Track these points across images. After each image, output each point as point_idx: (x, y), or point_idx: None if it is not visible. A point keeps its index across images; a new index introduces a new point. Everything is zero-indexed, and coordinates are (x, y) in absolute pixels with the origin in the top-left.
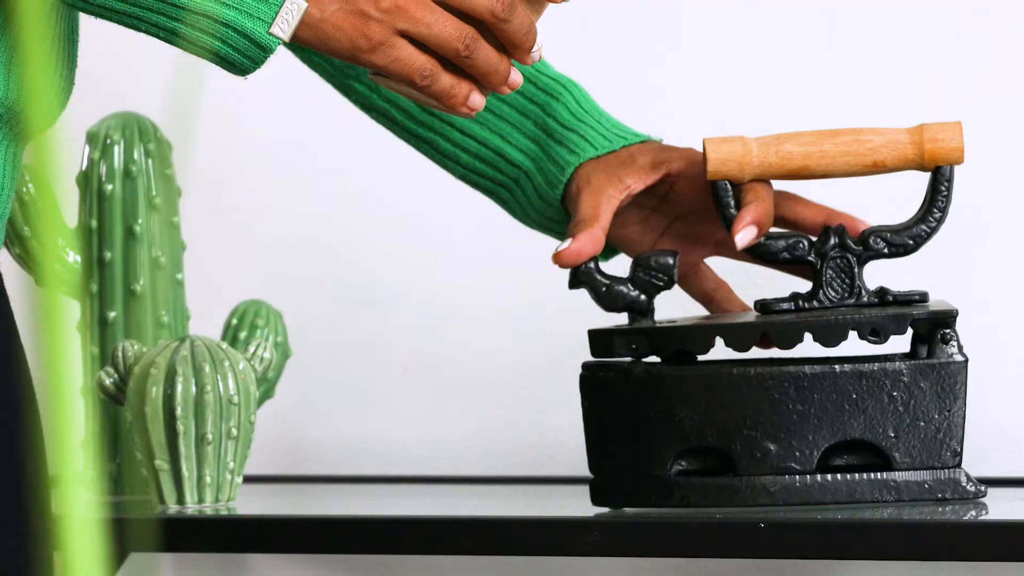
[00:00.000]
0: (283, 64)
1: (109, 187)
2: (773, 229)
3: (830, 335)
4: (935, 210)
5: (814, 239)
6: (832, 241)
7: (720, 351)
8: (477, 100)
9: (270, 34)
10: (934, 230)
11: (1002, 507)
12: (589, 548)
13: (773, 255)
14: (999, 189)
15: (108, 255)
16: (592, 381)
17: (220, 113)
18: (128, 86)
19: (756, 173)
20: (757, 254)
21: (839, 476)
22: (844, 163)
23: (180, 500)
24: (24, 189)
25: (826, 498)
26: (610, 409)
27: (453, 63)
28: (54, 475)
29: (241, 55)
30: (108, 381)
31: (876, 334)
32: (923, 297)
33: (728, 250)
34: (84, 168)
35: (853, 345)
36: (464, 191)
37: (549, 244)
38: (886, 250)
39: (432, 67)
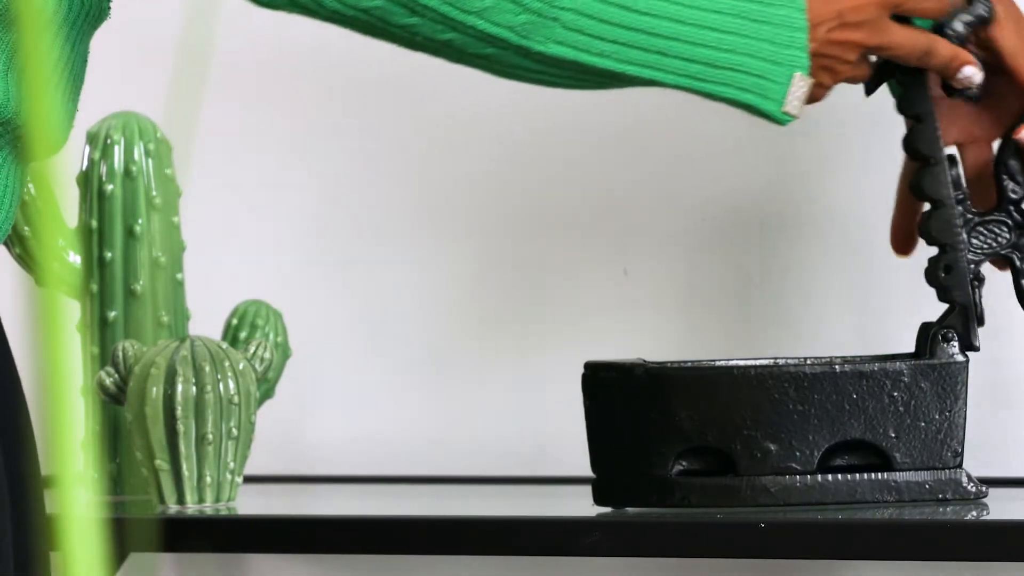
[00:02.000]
0: (285, 63)
1: (109, 187)
2: None
3: (943, 230)
4: None
5: None
6: None
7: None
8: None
9: (784, 112)
10: None
11: (1003, 507)
12: (589, 548)
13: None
14: None
15: (108, 255)
16: (594, 381)
17: (220, 112)
18: (128, 86)
19: None
20: (1007, 169)
21: (839, 476)
22: None
23: (180, 500)
24: (24, 189)
25: (826, 498)
26: (611, 409)
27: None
28: (54, 475)
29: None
30: (108, 381)
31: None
32: None
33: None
34: (84, 168)
35: (855, 346)
36: (462, 191)
37: (548, 244)
38: None
39: (930, 43)
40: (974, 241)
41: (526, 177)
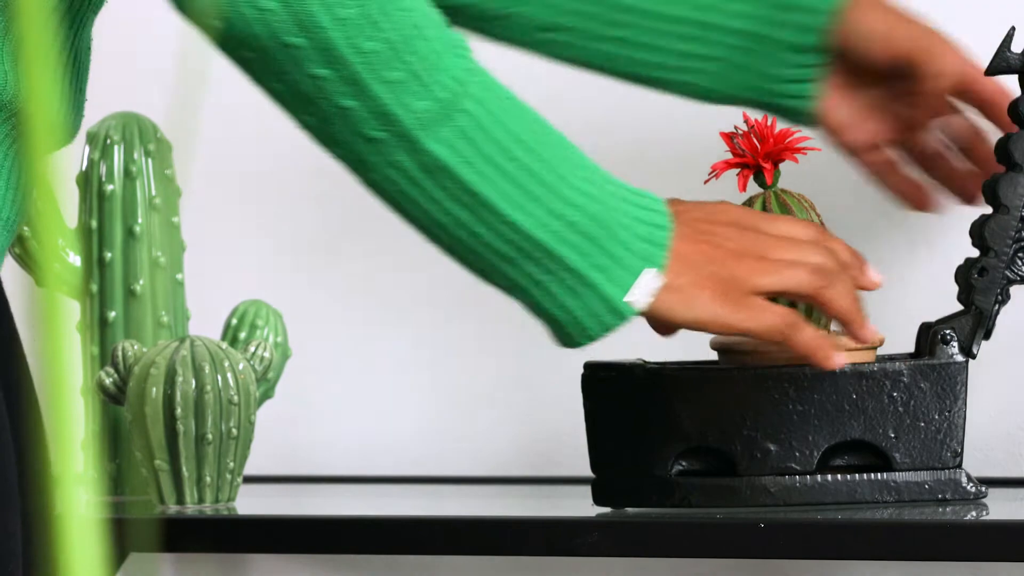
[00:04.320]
0: None
1: (109, 187)
2: None
3: (996, 236)
4: None
5: None
6: None
7: None
8: (840, 359)
9: (626, 302)
10: None
11: (1002, 507)
12: (589, 548)
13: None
14: None
15: (108, 255)
16: (593, 381)
17: (221, 113)
18: (128, 86)
19: None
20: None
21: (839, 476)
22: None
23: (180, 500)
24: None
25: (826, 498)
26: (611, 409)
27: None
28: (54, 475)
29: (593, 318)
30: (108, 381)
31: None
32: None
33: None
34: (84, 168)
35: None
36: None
37: None
38: None
39: (792, 321)
40: (1017, 260)
41: None
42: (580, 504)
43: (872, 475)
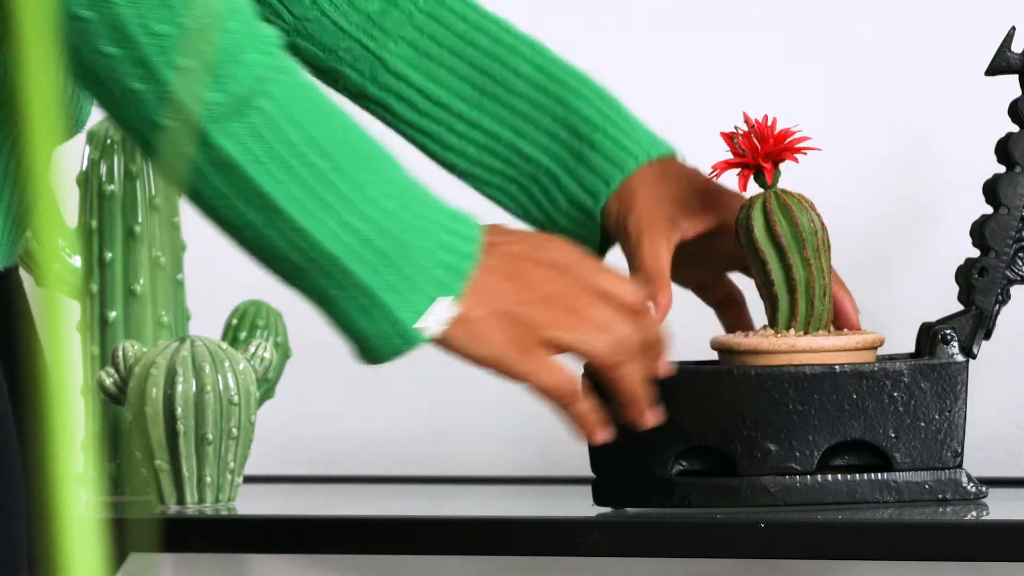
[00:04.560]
0: None
1: (109, 187)
2: None
3: (996, 235)
4: None
5: None
6: None
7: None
8: (605, 435)
9: (416, 328)
10: None
11: (1002, 507)
12: (589, 548)
13: None
14: None
15: (108, 255)
16: (593, 381)
17: None
18: None
19: None
20: None
21: (839, 476)
22: None
23: (180, 500)
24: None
25: (826, 498)
26: (611, 409)
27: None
28: (54, 475)
29: (383, 340)
30: (108, 381)
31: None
32: None
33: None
34: (84, 168)
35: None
36: (463, 190)
37: None
38: None
39: (573, 389)
40: (1018, 260)
41: None
42: (580, 504)
43: (872, 475)
